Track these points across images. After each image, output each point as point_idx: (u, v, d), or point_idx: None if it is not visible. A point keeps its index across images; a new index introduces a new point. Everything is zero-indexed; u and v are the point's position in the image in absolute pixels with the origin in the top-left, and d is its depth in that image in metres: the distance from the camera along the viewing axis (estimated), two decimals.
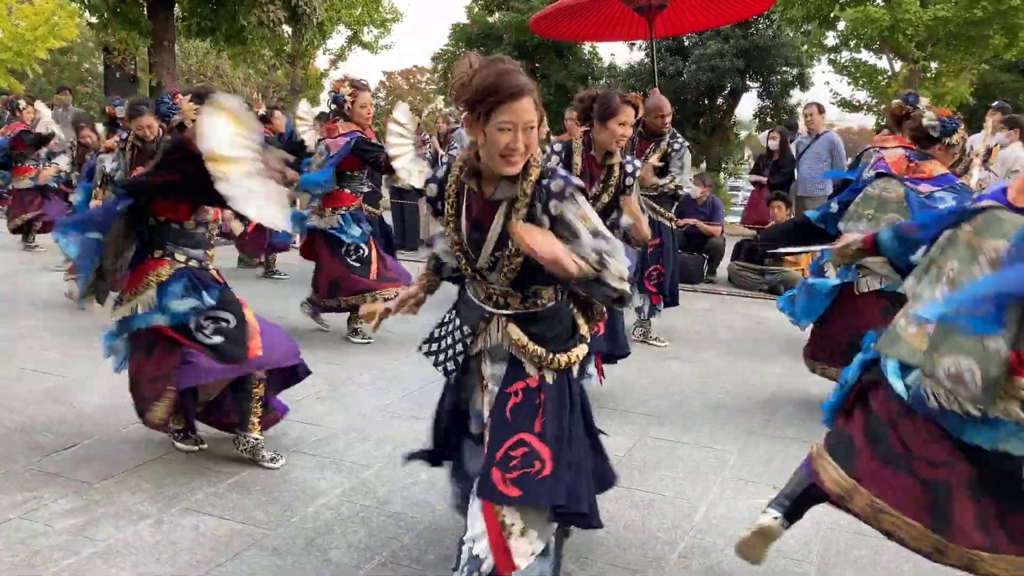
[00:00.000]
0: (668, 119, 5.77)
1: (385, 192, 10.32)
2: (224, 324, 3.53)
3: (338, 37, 22.00)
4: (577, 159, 4.12)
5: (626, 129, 3.99)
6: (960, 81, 16.21)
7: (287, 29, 14.32)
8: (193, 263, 3.55)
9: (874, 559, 2.98)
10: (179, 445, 3.79)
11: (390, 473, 3.58)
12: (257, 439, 3.64)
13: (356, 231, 5.66)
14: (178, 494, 3.32)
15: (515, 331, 2.30)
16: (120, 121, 6.09)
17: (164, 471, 3.55)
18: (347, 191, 5.68)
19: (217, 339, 3.49)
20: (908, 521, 2.29)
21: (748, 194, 11.43)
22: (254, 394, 3.61)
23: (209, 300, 3.49)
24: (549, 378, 2.29)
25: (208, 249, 3.66)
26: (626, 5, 8.97)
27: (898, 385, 2.36)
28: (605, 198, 4.03)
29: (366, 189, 6.02)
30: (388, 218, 8.33)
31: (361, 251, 5.65)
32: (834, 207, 4.46)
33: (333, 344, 5.77)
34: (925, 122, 4.15)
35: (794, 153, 9.61)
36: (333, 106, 5.63)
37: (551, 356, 2.28)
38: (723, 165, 24.27)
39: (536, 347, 2.28)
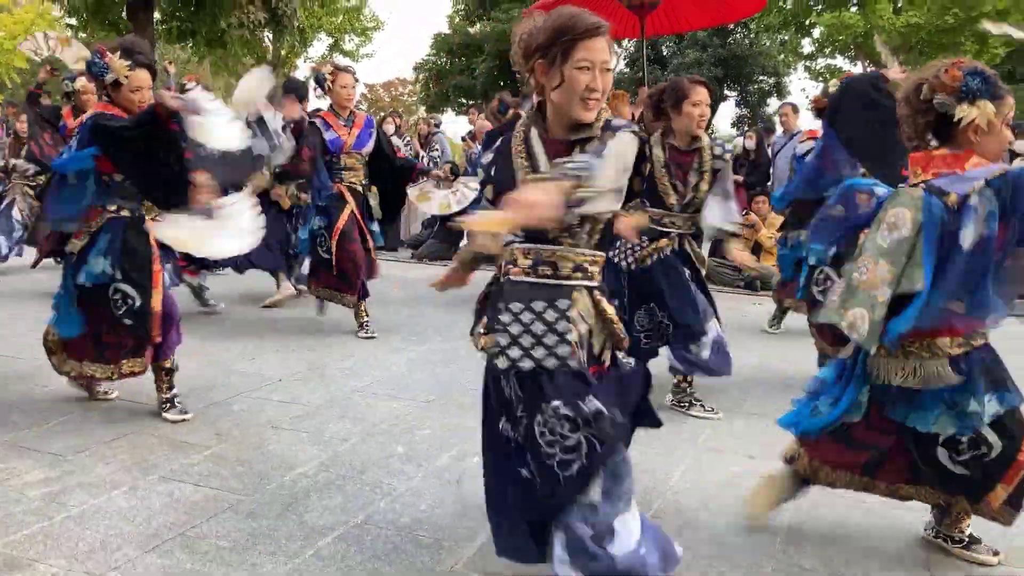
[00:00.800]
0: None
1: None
2: (130, 302, 3.64)
3: (319, 45, 22.09)
4: (659, 152, 4.02)
5: (703, 109, 3.92)
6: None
7: (268, 35, 14.33)
8: (125, 213, 3.64)
9: (842, 518, 3.02)
10: (168, 416, 3.84)
11: (367, 447, 3.59)
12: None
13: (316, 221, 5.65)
14: (154, 465, 3.31)
15: (606, 305, 2.11)
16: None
17: (140, 444, 3.54)
18: None
19: (128, 320, 3.64)
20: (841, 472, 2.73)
21: None
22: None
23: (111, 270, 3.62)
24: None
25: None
26: (619, 2, 9.06)
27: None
28: (703, 186, 3.98)
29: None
30: None
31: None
32: None
33: (313, 331, 5.78)
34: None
35: (770, 154, 9.75)
36: (316, 89, 5.64)
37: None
38: None
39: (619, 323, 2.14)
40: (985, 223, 2.23)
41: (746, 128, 22.35)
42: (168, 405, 3.86)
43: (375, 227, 5.76)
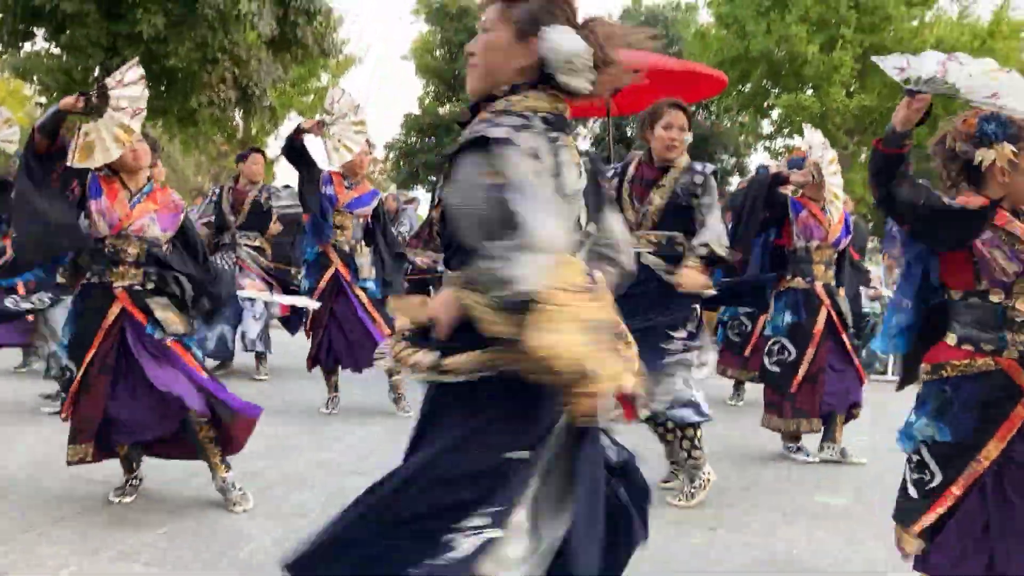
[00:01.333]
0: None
1: None
2: (69, 373, 3.52)
3: (290, 124, 22.36)
4: (632, 168, 4.02)
5: (675, 132, 3.84)
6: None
7: (238, 114, 14.52)
8: (95, 279, 3.54)
9: None
10: (112, 497, 3.69)
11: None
12: (224, 479, 3.60)
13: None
14: (103, 544, 3.21)
15: None
16: None
17: (89, 523, 3.43)
18: None
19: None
20: None
21: None
22: (201, 439, 3.55)
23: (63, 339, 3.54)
24: None
25: (117, 266, 3.51)
26: None
27: None
28: (657, 199, 3.86)
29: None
30: None
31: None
32: None
33: (274, 406, 5.70)
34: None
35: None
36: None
37: None
38: None
39: None
40: None
41: None
42: (119, 491, 3.72)
43: (369, 284, 5.65)
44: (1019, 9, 15.98)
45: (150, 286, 3.54)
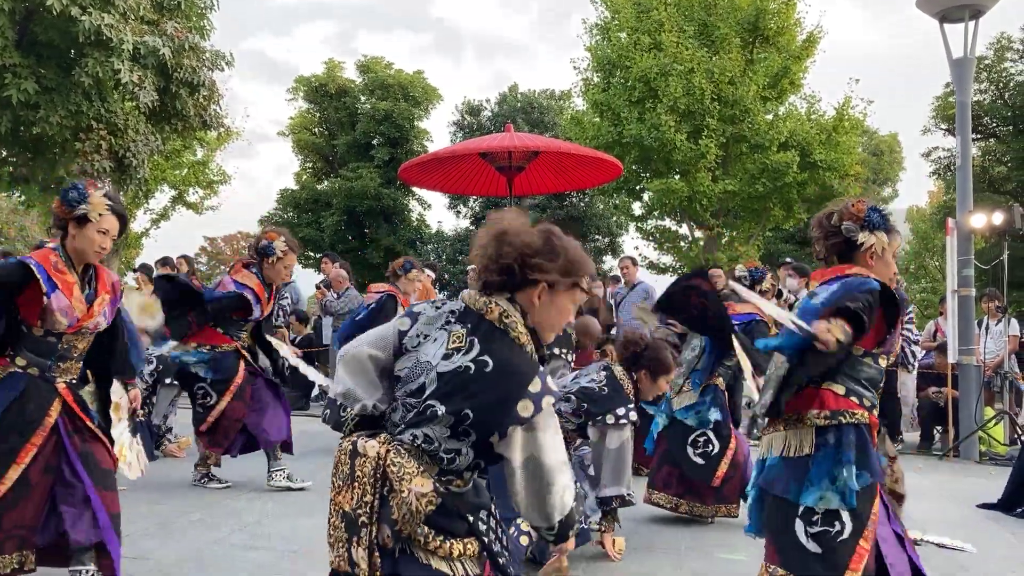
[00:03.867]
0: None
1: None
2: None
3: (162, 196, 21.60)
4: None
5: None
6: (750, 247, 18.19)
7: (109, 184, 13.94)
8: (33, 371, 3.16)
9: None
10: None
11: None
12: None
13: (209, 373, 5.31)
14: None
15: None
16: None
17: None
18: (220, 331, 5.33)
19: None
20: None
21: None
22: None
23: None
24: None
25: (64, 362, 3.23)
26: (489, 164, 9.68)
27: None
28: None
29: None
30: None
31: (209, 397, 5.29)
32: None
33: (155, 484, 5.39)
34: (737, 274, 5.32)
35: (612, 303, 10.34)
36: (254, 254, 5.35)
37: None
38: None
39: None
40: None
41: None
42: None
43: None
44: (857, 107, 17.60)
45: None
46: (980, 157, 21.56)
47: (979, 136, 21.62)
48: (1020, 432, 8.00)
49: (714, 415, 4.81)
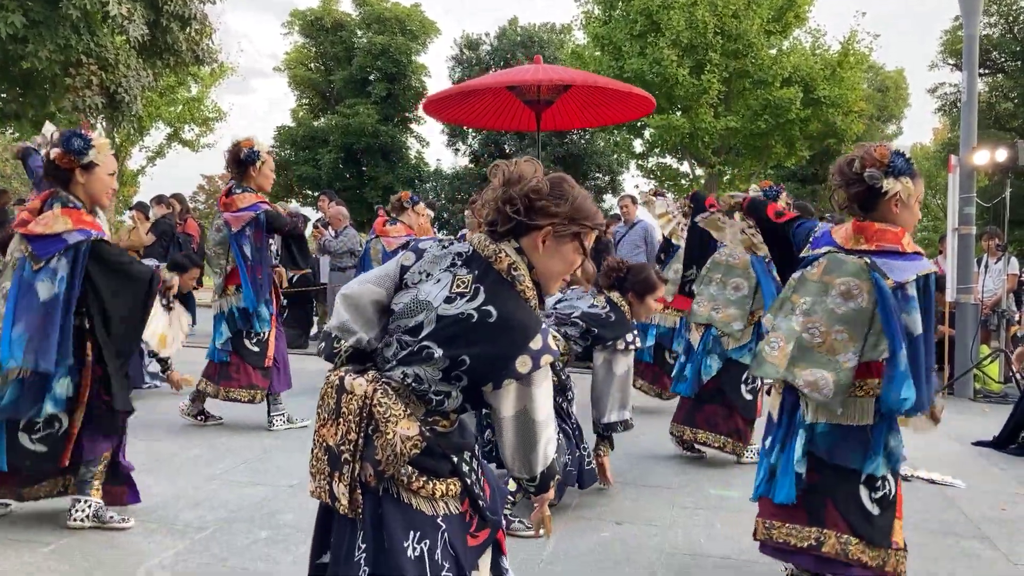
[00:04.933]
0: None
1: None
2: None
3: (157, 134, 21.38)
4: None
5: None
6: (750, 185, 18.11)
7: (102, 122, 13.78)
8: None
9: None
10: None
11: (227, 534, 3.39)
12: (99, 503, 3.38)
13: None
14: None
15: None
16: None
17: None
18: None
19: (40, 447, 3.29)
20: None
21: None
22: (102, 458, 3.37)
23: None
24: None
25: None
26: (517, 97, 9.46)
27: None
28: None
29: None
30: None
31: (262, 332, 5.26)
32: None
33: (154, 422, 5.43)
34: (751, 193, 5.13)
35: (612, 241, 10.28)
36: (233, 167, 5.17)
37: None
38: None
39: None
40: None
41: None
42: None
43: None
44: (863, 42, 17.28)
45: None
46: (987, 93, 21.24)
47: (987, 71, 21.29)
48: (1015, 372, 8.03)
49: None
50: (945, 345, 8.31)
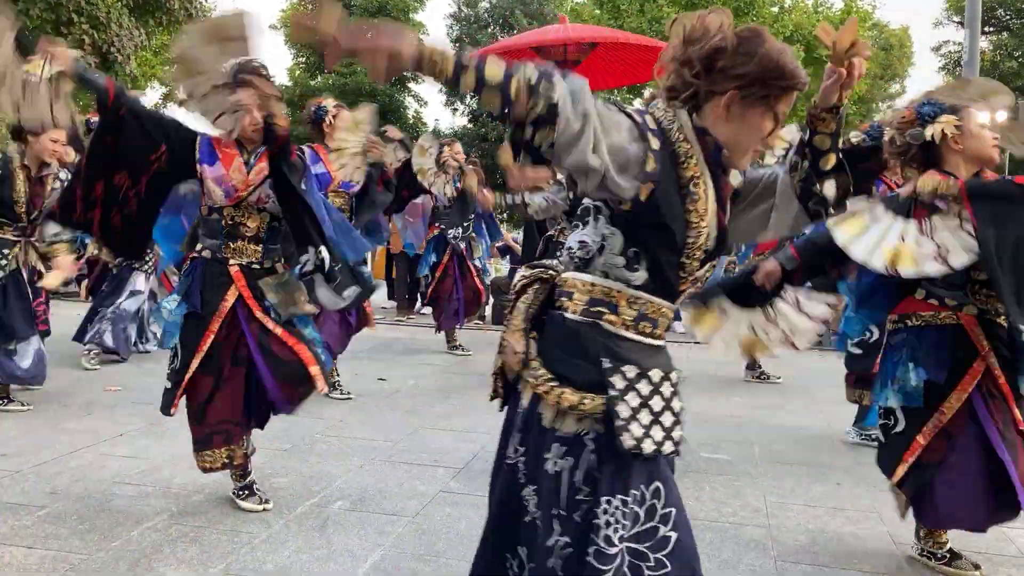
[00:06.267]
0: None
1: None
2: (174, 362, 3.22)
3: (152, 94, 21.18)
4: None
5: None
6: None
7: None
8: (206, 253, 3.18)
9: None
10: (244, 504, 3.30)
11: (221, 497, 3.42)
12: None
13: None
14: None
15: None
16: None
17: None
18: None
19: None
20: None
21: None
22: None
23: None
24: None
25: (234, 241, 3.16)
26: (542, 59, 9.26)
27: None
28: None
29: None
30: None
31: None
32: None
33: (151, 386, 5.44)
34: (854, 140, 4.83)
35: None
36: (311, 127, 4.95)
37: None
38: None
39: None
40: None
41: None
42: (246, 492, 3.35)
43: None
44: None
45: (268, 265, 3.23)
46: (991, 51, 20.99)
47: (991, 29, 21.01)
48: None
49: None
50: None
